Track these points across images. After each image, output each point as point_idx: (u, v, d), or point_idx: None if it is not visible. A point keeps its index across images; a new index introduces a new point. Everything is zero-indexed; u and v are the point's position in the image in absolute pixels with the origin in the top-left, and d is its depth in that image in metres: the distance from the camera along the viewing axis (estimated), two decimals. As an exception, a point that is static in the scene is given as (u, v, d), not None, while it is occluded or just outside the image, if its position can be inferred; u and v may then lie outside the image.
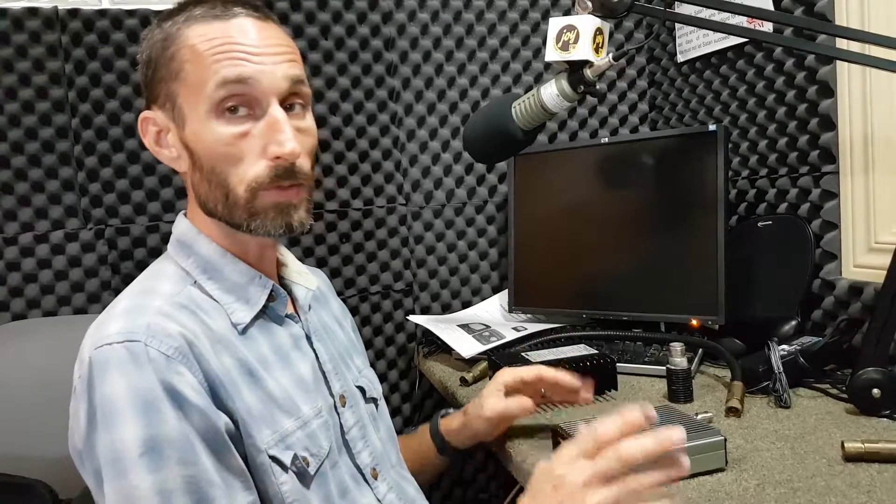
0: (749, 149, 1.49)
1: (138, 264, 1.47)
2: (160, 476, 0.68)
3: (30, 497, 1.02)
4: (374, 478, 0.92)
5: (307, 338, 0.91)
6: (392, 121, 1.66)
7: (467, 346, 1.43)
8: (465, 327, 1.53)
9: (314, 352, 0.91)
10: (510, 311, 1.67)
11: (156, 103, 0.85)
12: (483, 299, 1.76)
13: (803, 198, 1.35)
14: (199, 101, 0.79)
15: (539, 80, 1.77)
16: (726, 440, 0.89)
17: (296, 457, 0.79)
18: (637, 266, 1.48)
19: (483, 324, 1.57)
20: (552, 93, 1.07)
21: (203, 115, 0.79)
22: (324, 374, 0.91)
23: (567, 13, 1.74)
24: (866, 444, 0.87)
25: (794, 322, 1.29)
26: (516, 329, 1.53)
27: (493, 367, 1.23)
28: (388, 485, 0.93)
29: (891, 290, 1.01)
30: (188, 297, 0.81)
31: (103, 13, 1.42)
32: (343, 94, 1.60)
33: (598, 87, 1.07)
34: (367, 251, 1.66)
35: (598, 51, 1.05)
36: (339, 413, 0.90)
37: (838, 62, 1.24)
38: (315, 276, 1.03)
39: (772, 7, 1.36)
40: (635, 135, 1.80)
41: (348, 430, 0.91)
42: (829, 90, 1.26)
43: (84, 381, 0.71)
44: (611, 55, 1.03)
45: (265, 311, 0.86)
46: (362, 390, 0.99)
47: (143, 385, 0.70)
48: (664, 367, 1.16)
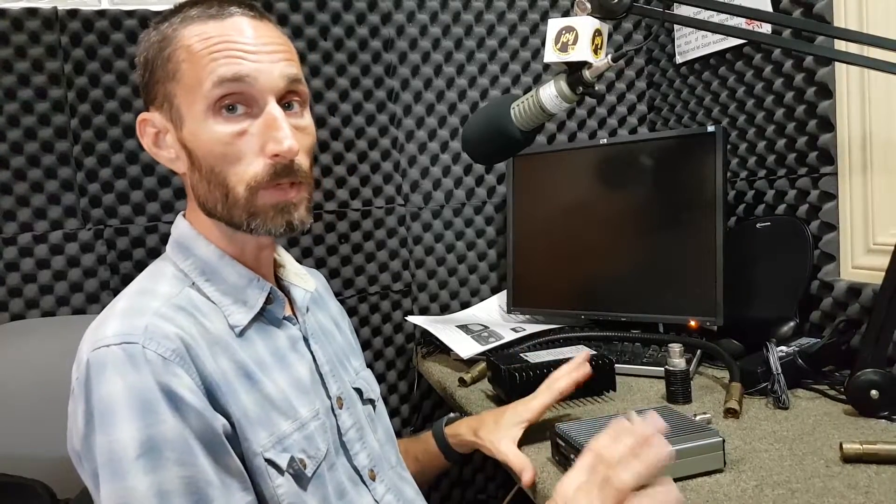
0: (747, 150, 1.49)
1: (137, 264, 1.47)
2: (158, 477, 0.68)
3: (28, 497, 1.02)
4: (372, 479, 0.92)
5: (304, 340, 0.91)
6: (391, 121, 1.66)
7: (466, 347, 1.43)
8: (464, 328, 1.53)
9: (311, 354, 0.91)
10: (509, 311, 1.67)
11: (153, 104, 0.85)
12: (482, 300, 1.76)
13: (802, 199, 1.35)
14: (196, 100, 0.79)
15: (538, 81, 1.77)
16: (725, 441, 0.89)
17: (293, 459, 0.79)
18: (635, 267, 1.49)
19: (482, 324, 1.57)
20: (551, 94, 1.07)
21: (200, 115, 0.79)
22: (321, 376, 0.91)
23: (566, 14, 1.75)
24: (864, 446, 0.87)
25: (792, 323, 1.29)
26: (515, 330, 1.53)
27: (491, 368, 1.23)
28: (386, 486, 0.93)
29: (889, 291, 1.01)
30: (186, 298, 0.81)
31: (102, 14, 1.42)
32: (342, 94, 1.61)
33: (596, 88, 1.07)
34: (366, 252, 1.66)
35: (596, 52, 1.05)
36: (336, 415, 0.90)
37: (837, 64, 1.24)
38: (313, 277, 1.03)
39: (770, 8, 1.36)
40: (634, 136, 1.80)
41: (345, 431, 0.91)
42: (827, 91, 1.27)
43: (82, 382, 0.71)
44: (609, 56, 1.04)
45: (263, 313, 0.86)
46: (359, 392, 0.99)
47: (141, 386, 0.70)
48: (663, 368, 1.16)
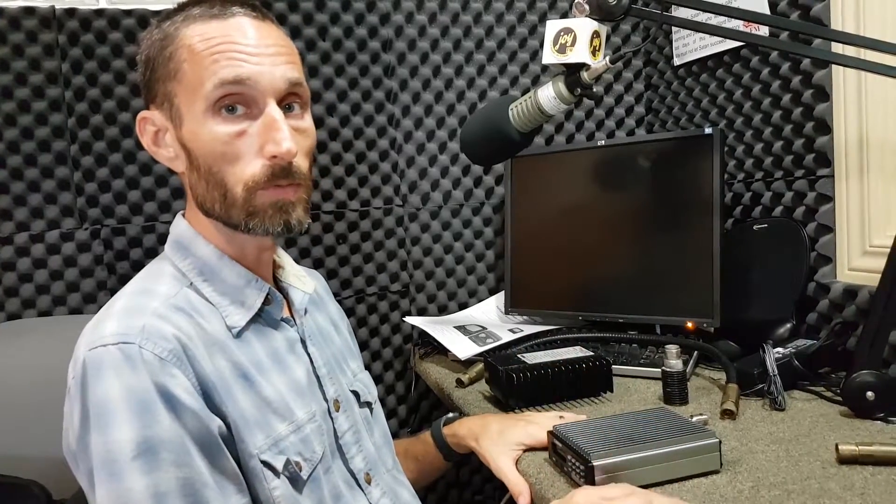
0: (745, 152, 1.49)
1: (134, 264, 1.47)
2: (154, 478, 0.68)
3: (24, 497, 1.02)
4: (368, 483, 0.91)
5: (302, 342, 0.91)
6: (389, 122, 1.66)
7: (463, 348, 1.43)
8: (462, 329, 1.53)
9: (309, 356, 0.91)
10: (506, 312, 1.67)
11: (154, 103, 0.85)
12: (479, 301, 1.76)
13: (798, 201, 1.35)
14: (196, 100, 0.79)
15: (536, 82, 1.77)
16: (721, 442, 0.89)
17: (288, 462, 0.79)
18: (633, 268, 1.49)
19: (479, 325, 1.57)
20: (549, 95, 1.07)
21: (200, 115, 0.79)
22: (318, 378, 0.91)
23: (564, 16, 1.75)
24: (860, 447, 0.87)
25: (788, 325, 1.29)
26: (512, 331, 1.53)
27: (489, 369, 1.23)
28: (382, 490, 0.93)
29: (885, 293, 1.01)
30: (184, 298, 0.81)
31: (100, 13, 1.42)
32: (340, 95, 1.61)
33: (594, 89, 1.08)
34: (364, 252, 1.66)
35: (594, 54, 1.05)
36: (332, 418, 0.90)
37: (834, 66, 1.25)
38: (313, 278, 1.03)
39: (768, 11, 1.36)
40: (632, 137, 1.80)
41: (342, 434, 0.90)
42: (824, 94, 1.27)
43: (78, 381, 0.71)
44: (608, 58, 1.04)
45: (260, 314, 0.86)
46: (357, 395, 0.99)
47: (137, 387, 0.70)
48: (659, 370, 1.16)
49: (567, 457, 0.90)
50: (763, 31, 1.36)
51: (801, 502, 0.79)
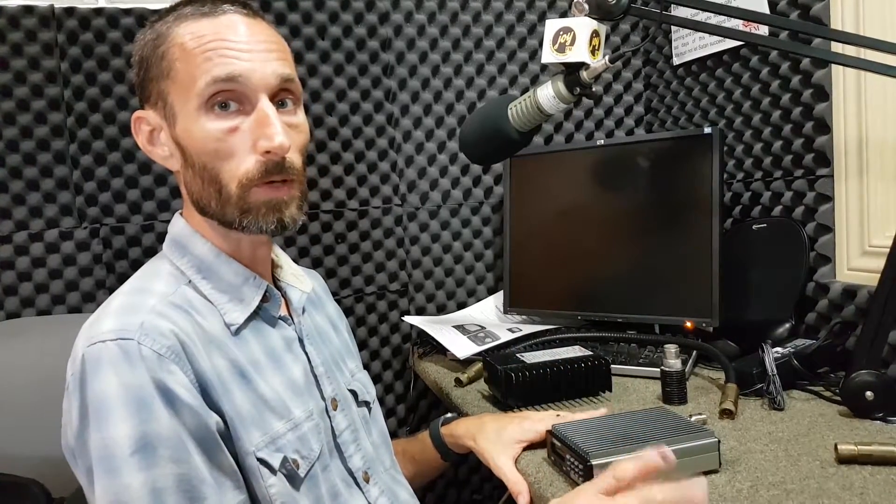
0: (744, 152, 1.49)
1: (133, 263, 1.47)
2: (152, 474, 0.68)
3: (23, 496, 1.02)
4: (366, 482, 0.91)
5: (300, 341, 0.91)
6: (388, 121, 1.66)
7: (462, 347, 1.43)
8: (461, 328, 1.53)
9: (306, 355, 0.91)
10: (505, 312, 1.67)
11: (148, 102, 0.85)
12: (478, 300, 1.76)
13: (798, 201, 1.35)
14: (189, 98, 0.79)
15: (535, 81, 1.77)
16: (720, 442, 0.89)
17: (285, 459, 0.79)
18: (632, 268, 1.49)
19: (478, 325, 1.57)
20: (548, 94, 1.07)
21: (193, 112, 0.79)
22: (315, 377, 0.91)
23: (564, 15, 1.75)
24: (859, 447, 0.87)
25: (787, 325, 1.29)
26: (511, 330, 1.53)
27: (487, 368, 1.23)
28: (380, 489, 0.93)
29: (884, 293, 1.01)
30: (182, 296, 0.81)
31: (99, 12, 1.42)
32: (339, 94, 1.60)
33: (594, 89, 1.08)
34: (363, 252, 1.66)
35: (594, 53, 1.05)
36: (330, 416, 0.90)
37: (833, 66, 1.25)
38: (311, 278, 1.03)
39: (767, 11, 1.36)
40: (631, 137, 1.80)
41: (340, 433, 0.90)
42: (824, 94, 1.27)
43: (77, 378, 0.71)
44: (607, 57, 1.04)
45: (258, 312, 0.86)
46: (354, 394, 0.99)
47: (136, 383, 0.70)
48: (658, 369, 1.16)
49: (566, 456, 0.90)
50: (762, 30, 1.36)
51: (800, 502, 0.79)
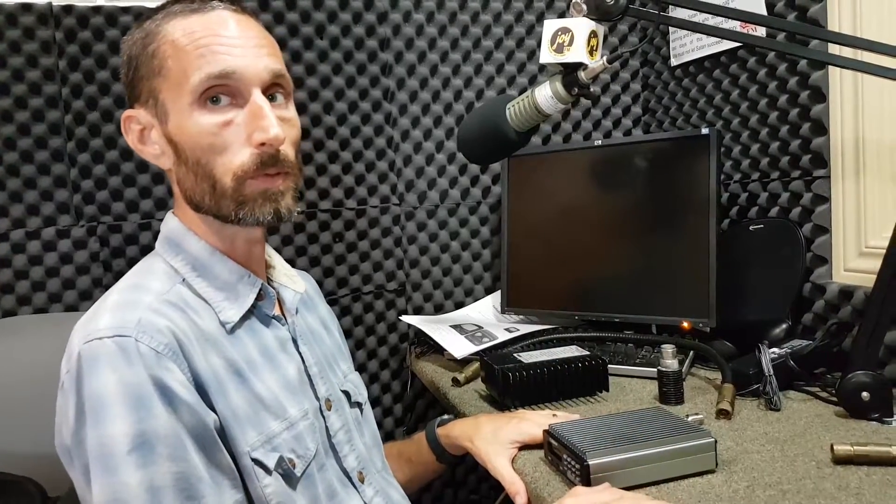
0: (741, 152, 1.50)
1: (130, 262, 1.47)
2: (149, 472, 0.68)
3: (19, 494, 1.02)
4: (361, 481, 0.91)
5: (293, 341, 0.91)
6: (386, 121, 1.66)
7: (460, 347, 1.43)
8: (458, 328, 1.53)
9: (300, 355, 0.91)
10: (503, 312, 1.68)
11: (138, 101, 0.85)
12: (476, 300, 1.76)
13: (795, 202, 1.35)
14: (181, 94, 0.79)
15: (533, 82, 1.77)
16: (716, 442, 0.89)
17: (281, 458, 0.79)
18: (629, 268, 1.49)
19: (475, 324, 1.57)
20: (546, 94, 1.07)
21: (186, 108, 0.79)
22: (309, 377, 0.91)
23: (562, 16, 1.75)
24: (855, 447, 0.87)
25: (784, 325, 1.30)
26: (509, 330, 1.53)
27: (485, 368, 1.23)
28: (375, 489, 0.93)
29: (880, 294, 1.01)
30: (177, 294, 0.81)
31: (97, 10, 1.42)
32: (338, 93, 1.60)
33: (591, 89, 1.08)
34: (361, 251, 1.66)
35: (592, 53, 1.05)
36: (324, 416, 0.90)
37: (830, 67, 1.25)
38: (303, 279, 1.03)
39: (765, 12, 1.36)
40: (628, 137, 1.81)
41: (334, 433, 0.90)
42: (821, 95, 1.27)
43: (73, 375, 0.71)
44: (605, 58, 1.04)
45: (253, 310, 0.86)
46: (347, 395, 0.99)
47: (133, 380, 0.69)
48: (655, 369, 1.16)
49: (563, 456, 0.90)
50: (760, 31, 1.36)
51: (797, 502, 0.80)
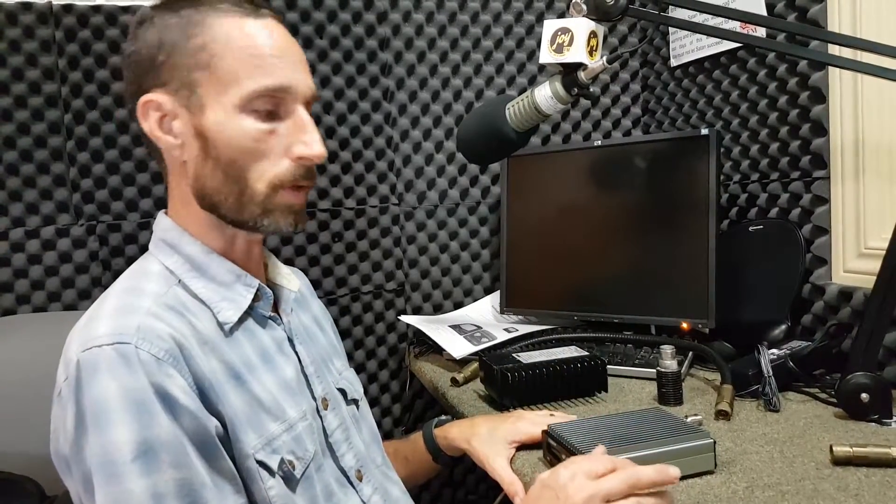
0: (741, 153, 1.50)
1: (129, 261, 1.44)
2: (153, 480, 0.68)
3: (17, 493, 1.01)
4: (359, 480, 0.91)
5: (289, 340, 0.91)
6: (386, 121, 1.66)
7: (459, 347, 1.43)
8: (457, 328, 1.53)
9: (297, 355, 0.91)
10: (502, 312, 1.67)
11: (163, 87, 0.81)
12: (475, 300, 1.76)
13: (794, 203, 1.35)
14: (226, 93, 0.79)
15: (533, 82, 1.77)
16: (715, 443, 0.89)
17: (282, 461, 0.78)
18: (628, 269, 1.49)
19: (474, 325, 1.57)
20: (546, 95, 1.07)
21: (230, 108, 0.79)
22: (306, 377, 0.91)
23: (562, 16, 1.75)
24: (854, 448, 0.87)
25: (783, 326, 1.30)
26: (507, 330, 1.53)
27: (483, 368, 1.23)
28: (373, 486, 0.93)
29: (880, 295, 1.01)
30: (174, 297, 0.80)
31: (97, 9, 1.42)
32: (337, 93, 1.60)
33: (591, 89, 1.08)
34: (360, 251, 1.66)
35: (592, 53, 1.05)
36: (321, 416, 0.90)
37: (830, 68, 1.25)
38: (296, 277, 1.03)
39: (765, 13, 1.36)
40: (628, 138, 1.81)
41: (331, 432, 0.90)
42: (820, 96, 1.27)
43: (71, 383, 0.70)
44: (605, 58, 1.04)
45: (250, 311, 0.86)
46: (343, 392, 0.99)
47: (135, 387, 0.69)
48: (654, 370, 1.16)
49: (562, 456, 0.90)
50: (760, 32, 1.36)
51: (796, 503, 0.80)
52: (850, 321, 1.21)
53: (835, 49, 1.19)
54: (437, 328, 1.51)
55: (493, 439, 1.02)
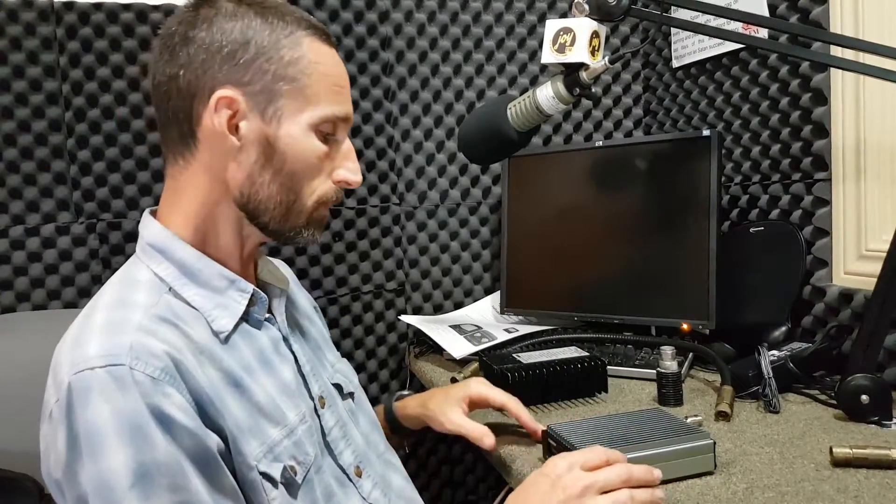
0: (742, 155, 1.50)
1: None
2: None
3: (16, 491, 1.01)
4: (358, 476, 0.91)
5: (285, 340, 0.90)
6: (387, 120, 1.66)
7: (459, 347, 1.43)
8: (457, 328, 1.53)
9: (293, 354, 0.90)
10: (502, 312, 1.67)
11: (240, 86, 0.79)
12: (475, 300, 1.76)
13: (795, 204, 1.35)
14: (304, 111, 0.82)
15: (535, 82, 1.77)
16: (715, 444, 0.89)
17: (285, 468, 0.78)
18: (629, 270, 1.49)
19: (475, 325, 1.57)
20: (548, 95, 1.07)
21: (304, 125, 0.82)
22: (303, 376, 0.90)
23: (564, 16, 1.75)
24: (854, 450, 0.87)
25: (784, 328, 1.30)
26: (508, 330, 1.53)
27: (483, 368, 1.23)
28: (373, 481, 0.93)
29: (880, 297, 1.01)
30: (166, 306, 0.78)
31: (98, 6, 1.42)
32: (338, 92, 1.60)
33: (593, 90, 1.08)
34: (360, 250, 1.65)
35: (594, 54, 1.05)
36: (318, 415, 0.89)
37: (832, 70, 1.25)
38: (282, 268, 1.03)
39: (767, 14, 1.36)
40: (629, 139, 1.81)
41: (329, 431, 0.90)
42: (822, 97, 1.27)
43: (62, 407, 0.68)
44: (607, 58, 1.04)
45: (246, 317, 0.85)
46: (339, 387, 0.98)
47: (129, 410, 0.67)
48: (654, 371, 1.16)
49: (561, 456, 0.90)
50: (762, 33, 1.36)
51: (795, 504, 0.80)
52: (850, 323, 1.21)
53: (837, 50, 1.19)
54: (437, 328, 1.51)
55: (447, 399, 1.09)
